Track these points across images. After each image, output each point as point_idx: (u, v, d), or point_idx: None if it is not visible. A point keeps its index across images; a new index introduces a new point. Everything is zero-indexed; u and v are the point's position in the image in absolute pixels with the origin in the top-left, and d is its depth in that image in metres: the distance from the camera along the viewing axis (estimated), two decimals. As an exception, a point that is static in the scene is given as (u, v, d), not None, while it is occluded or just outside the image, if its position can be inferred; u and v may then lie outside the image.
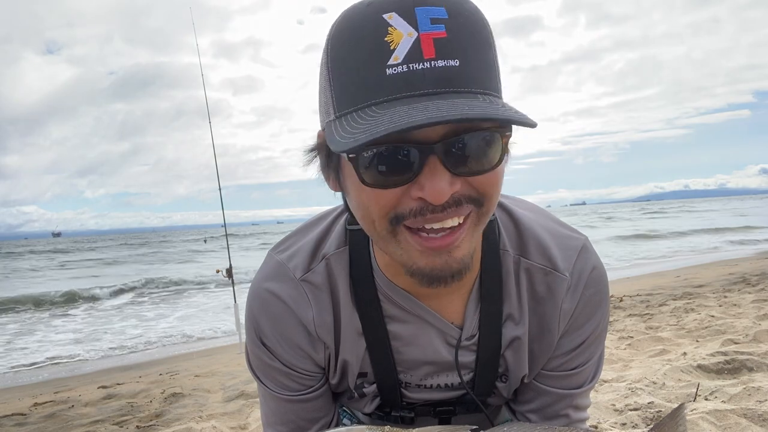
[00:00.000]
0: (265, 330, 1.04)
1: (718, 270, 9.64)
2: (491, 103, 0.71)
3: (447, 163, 0.74)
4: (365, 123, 0.70)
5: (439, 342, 1.04)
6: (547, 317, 1.05)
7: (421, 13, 0.71)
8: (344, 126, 0.73)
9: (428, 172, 0.74)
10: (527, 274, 1.04)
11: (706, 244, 17.18)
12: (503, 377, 1.11)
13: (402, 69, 0.70)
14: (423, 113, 0.66)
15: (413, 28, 0.70)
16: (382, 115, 0.69)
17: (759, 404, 2.49)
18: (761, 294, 6.18)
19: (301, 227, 1.13)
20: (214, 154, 6.08)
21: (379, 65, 0.71)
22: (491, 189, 0.80)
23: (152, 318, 9.76)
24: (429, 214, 0.77)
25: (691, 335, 4.40)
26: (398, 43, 0.70)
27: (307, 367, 1.07)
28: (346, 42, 0.75)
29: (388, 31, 0.71)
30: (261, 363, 1.08)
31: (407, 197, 0.77)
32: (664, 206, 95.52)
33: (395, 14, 0.71)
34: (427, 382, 1.10)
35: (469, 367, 1.08)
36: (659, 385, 3.03)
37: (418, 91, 0.70)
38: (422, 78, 0.70)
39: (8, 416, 4.17)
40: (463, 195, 0.78)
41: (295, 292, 1.03)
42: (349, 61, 0.74)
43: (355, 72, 0.73)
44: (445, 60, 0.70)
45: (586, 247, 1.07)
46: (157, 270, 20.07)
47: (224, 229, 6.34)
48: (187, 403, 4.05)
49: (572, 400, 1.12)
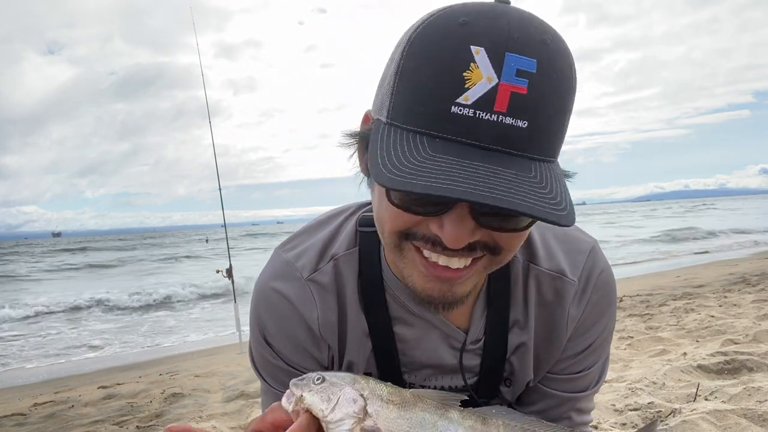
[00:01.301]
0: (269, 328, 1.04)
1: (718, 270, 9.64)
2: (540, 184, 0.69)
3: (476, 213, 0.73)
4: (414, 163, 0.67)
5: (444, 345, 1.04)
6: (554, 322, 1.05)
7: (510, 60, 0.66)
8: (390, 151, 0.70)
9: (454, 216, 0.73)
10: (535, 280, 1.04)
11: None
12: (507, 381, 1.11)
13: (468, 112, 0.67)
14: (472, 182, 0.65)
15: (495, 74, 0.66)
16: (433, 160, 0.67)
17: (759, 404, 2.49)
18: (761, 294, 6.17)
19: (310, 226, 1.12)
20: (214, 154, 6.10)
21: (448, 98, 0.67)
22: (512, 245, 0.80)
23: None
24: (440, 248, 0.77)
25: (691, 335, 4.40)
26: (475, 83, 0.66)
27: (310, 367, 1.07)
28: (425, 55, 0.70)
29: (470, 67, 0.66)
30: (264, 361, 1.08)
31: (424, 225, 0.77)
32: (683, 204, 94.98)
33: (483, 51, 0.67)
34: (431, 384, 1.10)
35: (474, 371, 1.08)
36: (659, 385, 3.03)
37: (476, 142, 0.68)
38: (485, 130, 0.67)
39: (8, 416, 4.17)
40: (480, 243, 0.77)
41: (301, 291, 1.02)
42: (420, 77, 0.70)
43: (421, 91, 0.70)
44: (514, 119, 0.67)
45: (595, 250, 1.07)
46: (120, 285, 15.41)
47: (224, 229, 6.35)
48: (187, 403, 4.05)
49: (576, 403, 1.12)
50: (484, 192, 0.64)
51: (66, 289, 13.10)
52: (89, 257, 30.66)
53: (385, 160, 0.69)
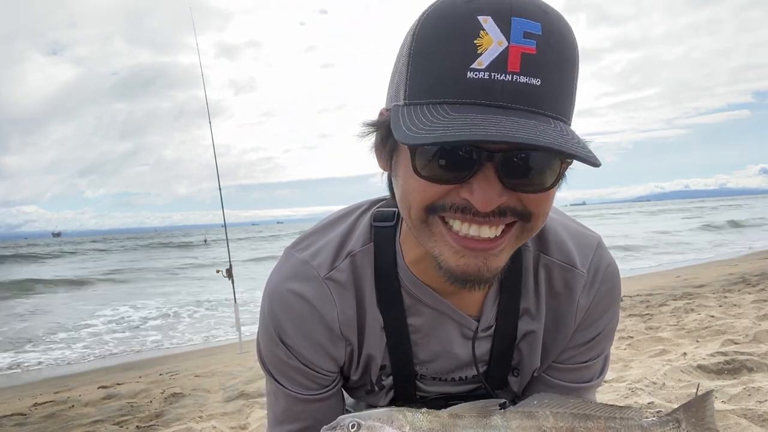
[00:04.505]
0: (286, 329, 1.03)
1: (718, 270, 9.64)
2: (561, 132, 0.70)
3: (502, 174, 0.74)
4: (437, 122, 0.69)
5: (457, 334, 1.06)
6: (563, 312, 1.07)
7: (517, 24, 0.70)
8: (413, 118, 0.72)
9: (482, 178, 0.74)
10: (546, 270, 1.06)
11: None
12: (515, 371, 1.12)
13: (483, 75, 0.69)
14: (496, 127, 0.66)
15: (505, 38, 0.69)
16: (455, 118, 0.69)
17: (759, 404, 2.49)
18: (761, 294, 6.17)
19: (322, 225, 1.12)
20: (214, 154, 6.10)
21: (462, 66, 0.70)
22: (539, 209, 0.80)
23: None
24: (470, 215, 0.77)
25: (691, 335, 4.40)
26: (486, 48, 0.69)
27: (327, 366, 1.07)
28: (435, 33, 0.73)
29: (480, 35, 0.69)
30: (278, 361, 1.07)
31: (454, 194, 0.77)
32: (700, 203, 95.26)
33: (491, 19, 0.70)
34: (442, 375, 1.11)
35: (484, 360, 1.09)
36: (659, 386, 3.03)
37: (493, 102, 0.70)
38: (501, 89, 0.69)
39: (8, 416, 4.17)
40: (509, 207, 0.78)
41: (320, 290, 1.02)
42: (433, 53, 0.73)
43: (436, 65, 0.72)
44: (527, 77, 0.70)
45: (601, 244, 1.10)
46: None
47: (224, 229, 6.35)
48: (187, 403, 4.05)
49: (580, 395, 1.13)
50: (516, 133, 0.66)
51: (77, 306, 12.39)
52: (88, 266, 28.45)
53: (409, 125, 0.71)
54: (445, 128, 0.68)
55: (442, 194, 0.78)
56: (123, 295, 14.21)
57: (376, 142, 0.88)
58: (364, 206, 1.12)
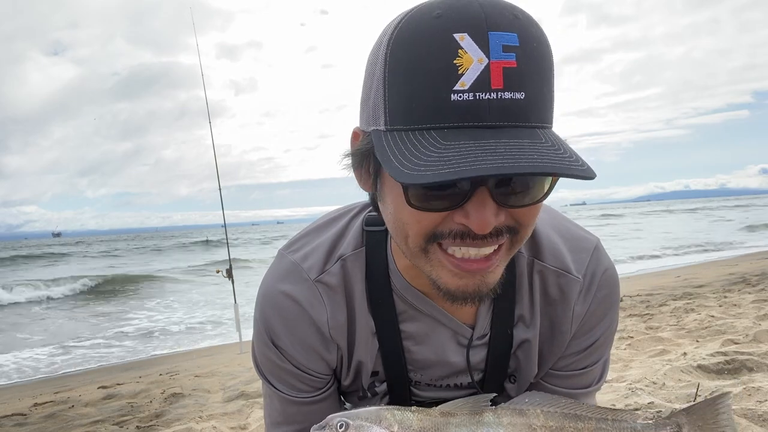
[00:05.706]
0: (277, 331, 1.03)
1: (718, 270, 9.63)
2: (553, 147, 0.70)
3: (495, 195, 0.74)
4: (430, 155, 0.67)
5: (451, 342, 1.05)
6: (558, 319, 1.05)
7: (495, 38, 0.68)
8: (401, 149, 0.70)
9: (477, 202, 0.73)
10: (540, 277, 1.04)
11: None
12: (512, 378, 1.11)
13: (468, 97, 0.68)
14: (493, 156, 0.65)
15: (484, 54, 0.67)
16: (446, 147, 0.67)
17: (759, 404, 2.49)
18: (761, 294, 6.17)
19: (314, 227, 1.11)
20: (215, 155, 6.09)
21: (444, 88, 0.68)
22: (530, 220, 0.80)
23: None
24: (469, 240, 0.77)
25: (691, 335, 4.40)
26: (467, 68, 0.67)
27: (319, 369, 1.07)
28: (410, 53, 0.71)
29: (458, 53, 0.67)
30: (270, 364, 1.07)
31: (449, 220, 0.77)
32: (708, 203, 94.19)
33: (467, 36, 0.68)
34: (437, 381, 1.10)
35: (479, 368, 1.08)
36: (659, 386, 3.02)
37: (482, 123, 0.69)
38: (487, 109, 0.68)
39: (8, 416, 4.17)
40: (504, 226, 0.78)
41: (310, 293, 1.02)
42: (411, 75, 0.70)
43: (416, 88, 0.70)
44: (512, 92, 0.69)
45: (599, 248, 1.07)
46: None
47: (224, 229, 6.35)
48: (187, 403, 4.05)
49: (578, 400, 1.12)
50: (510, 161, 0.65)
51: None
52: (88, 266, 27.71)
53: (401, 158, 0.69)
54: (440, 161, 0.66)
55: (437, 222, 0.77)
56: (123, 296, 14.19)
57: (353, 164, 0.86)
58: (355, 209, 1.11)
